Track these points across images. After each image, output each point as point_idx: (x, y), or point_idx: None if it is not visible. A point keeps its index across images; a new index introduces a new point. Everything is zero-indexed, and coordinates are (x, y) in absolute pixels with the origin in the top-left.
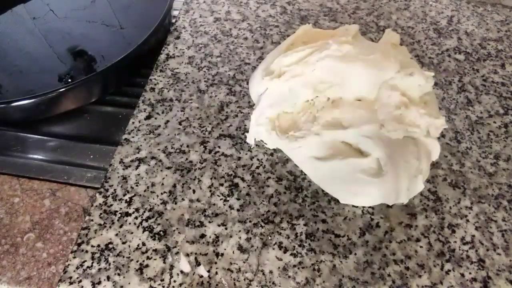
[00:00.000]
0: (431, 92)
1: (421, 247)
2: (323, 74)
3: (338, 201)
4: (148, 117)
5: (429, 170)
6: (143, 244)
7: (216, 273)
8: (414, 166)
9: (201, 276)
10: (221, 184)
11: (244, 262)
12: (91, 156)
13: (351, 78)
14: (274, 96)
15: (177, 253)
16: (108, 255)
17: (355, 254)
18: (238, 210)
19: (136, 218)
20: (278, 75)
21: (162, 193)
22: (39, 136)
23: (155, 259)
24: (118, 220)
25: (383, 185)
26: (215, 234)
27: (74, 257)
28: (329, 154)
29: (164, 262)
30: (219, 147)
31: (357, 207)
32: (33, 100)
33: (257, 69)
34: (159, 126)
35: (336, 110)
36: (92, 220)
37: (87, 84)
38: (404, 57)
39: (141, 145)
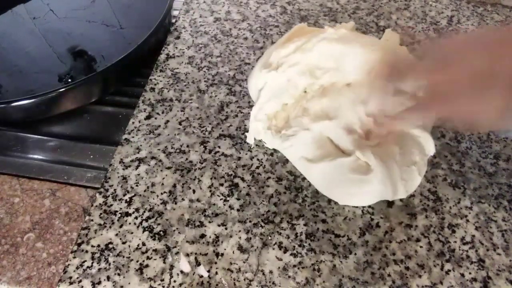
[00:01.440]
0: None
1: (421, 247)
2: (320, 59)
3: None
4: (148, 117)
5: (425, 165)
6: (143, 244)
7: (216, 273)
8: (396, 152)
9: (201, 276)
10: (221, 184)
11: (244, 262)
12: (91, 156)
13: (348, 59)
14: (273, 88)
15: (177, 253)
16: (108, 255)
17: (355, 254)
18: (238, 210)
19: (136, 218)
20: (276, 67)
21: (162, 193)
22: (39, 136)
23: (155, 259)
24: (118, 220)
25: (376, 180)
26: (215, 234)
27: (74, 257)
28: (319, 155)
29: (164, 262)
30: (219, 147)
31: (357, 207)
32: (33, 100)
33: (255, 67)
34: (159, 126)
35: (324, 99)
36: (92, 220)
37: (87, 84)
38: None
39: (141, 145)
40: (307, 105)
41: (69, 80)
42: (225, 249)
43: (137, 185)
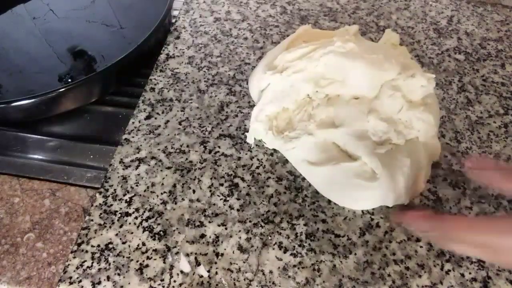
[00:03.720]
0: (432, 93)
1: (421, 247)
2: (326, 70)
3: None
4: (148, 117)
5: (430, 170)
6: (143, 244)
7: (216, 273)
8: (406, 164)
9: (201, 276)
10: (221, 184)
11: (244, 262)
12: (91, 156)
13: (353, 75)
14: (275, 91)
15: (177, 253)
16: (108, 255)
17: (355, 254)
18: (238, 210)
19: (136, 218)
20: (281, 70)
21: (162, 193)
22: (39, 136)
23: (155, 259)
24: (118, 220)
25: (379, 188)
26: (215, 234)
27: (74, 257)
28: (322, 159)
29: (164, 262)
30: (219, 147)
31: None
32: (33, 100)
33: (258, 67)
34: (159, 126)
35: (331, 108)
36: (92, 220)
37: (87, 84)
38: (404, 57)
39: (141, 145)
40: (313, 111)
41: (69, 80)
42: (225, 249)
43: (137, 185)
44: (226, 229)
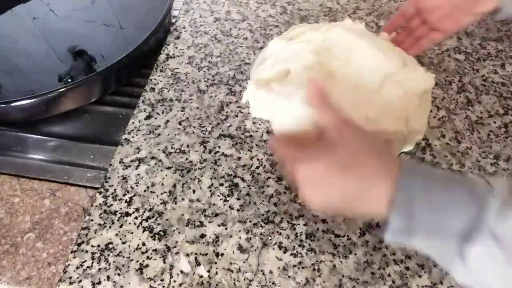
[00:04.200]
0: (429, 93)
1: None
2: (332, 44)
3: None
4: (148, 117)
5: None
6: (143, 244)
7: (216, 273)
8: None
9: (201, 276)
10: (221, 184)
11: (244, 262)
12: (91, 156)
13: (358, 54)
14: (278, 57)
15: (177, 253)
16: (108, 255)
17: (355, 254)
18: (238, 210)
19: (136, 218)
20: (287, 39)
21: (162, 193)
22: (39, 136)
23: (155, 259)
24: (118, 220)
25: None
26: (215, 234)
27: (74, 257)
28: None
29: (164, 262)
30: (219, 147)
31: None
32: (33, 100)
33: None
34: (159, 126)
35: (329, 82)
36: (92, 220)
37: (87, 84)
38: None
39: (141, 145)
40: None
41: (69, 80)
42: (225, 249)
43: (137, 185)
44: (226, 229)
